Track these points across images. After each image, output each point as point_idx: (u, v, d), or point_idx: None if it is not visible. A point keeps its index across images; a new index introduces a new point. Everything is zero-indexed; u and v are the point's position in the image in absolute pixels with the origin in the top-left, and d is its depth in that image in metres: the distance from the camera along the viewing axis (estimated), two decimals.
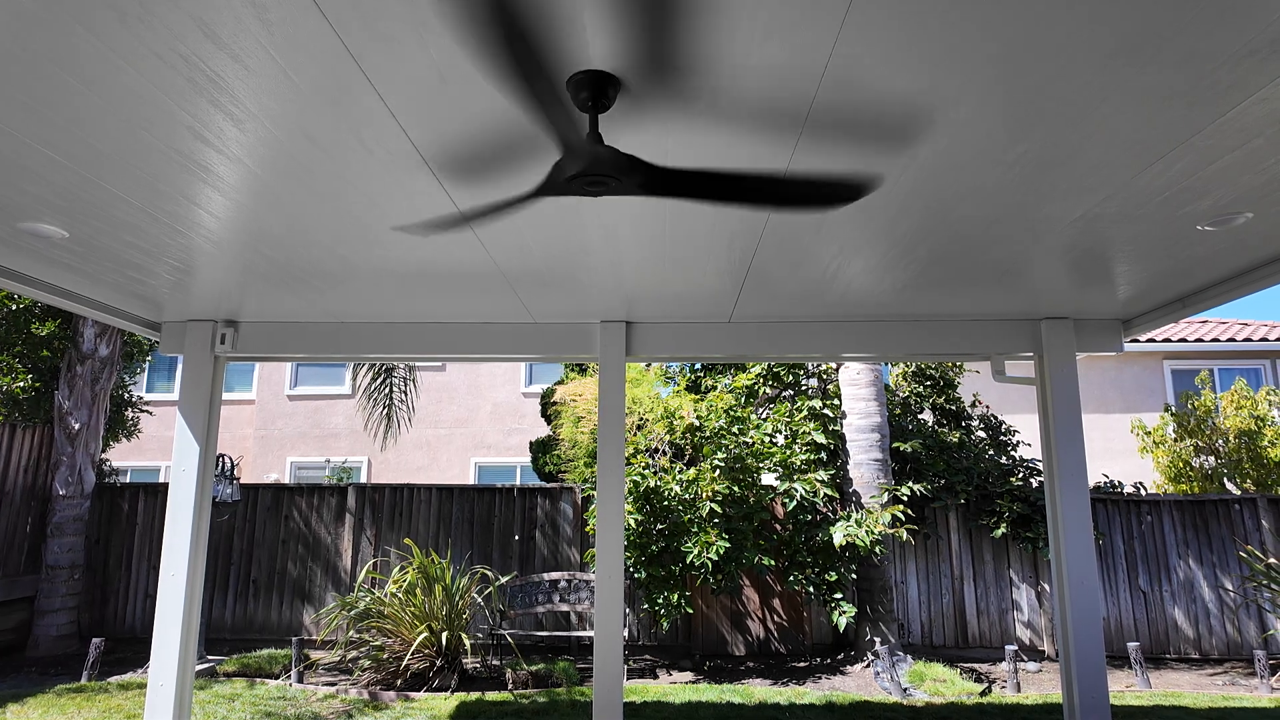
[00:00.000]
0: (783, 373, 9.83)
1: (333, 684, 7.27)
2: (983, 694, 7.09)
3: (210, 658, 8.10)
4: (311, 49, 2.00)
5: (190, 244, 3.53)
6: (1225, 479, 10.79)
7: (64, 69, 2.10)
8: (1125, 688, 7.32)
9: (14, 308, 8.71)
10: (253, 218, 3.20)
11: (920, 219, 3.20)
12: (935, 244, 3.52)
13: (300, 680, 7.32)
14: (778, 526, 8.67)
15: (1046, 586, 8.70)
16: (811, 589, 8.22)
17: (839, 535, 8.03)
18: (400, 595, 7.50)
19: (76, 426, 8.78)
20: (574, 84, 2.03)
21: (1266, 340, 14.63)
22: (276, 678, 7.50)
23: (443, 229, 3.23)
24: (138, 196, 2.97)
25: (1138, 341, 14.43)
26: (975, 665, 8.23)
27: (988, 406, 10.48)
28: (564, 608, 8.44)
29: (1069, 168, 2.73)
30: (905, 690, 7.22)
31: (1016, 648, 7.95)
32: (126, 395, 10.42)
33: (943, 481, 8.92)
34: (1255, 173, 2.76)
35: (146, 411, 11.04)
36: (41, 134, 2.48)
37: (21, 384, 8.68)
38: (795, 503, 8.28)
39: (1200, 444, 11.01)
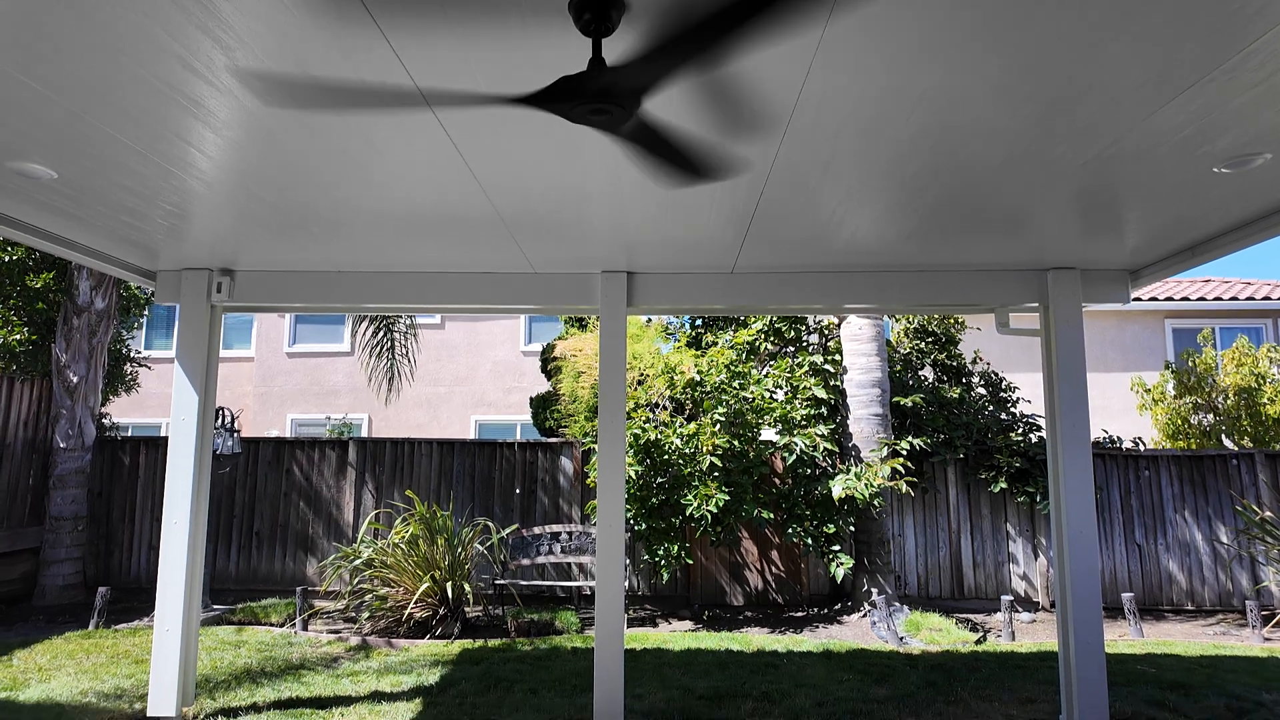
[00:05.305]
0: (784, 329, 9.79)
1: (337, 631, 7.37)
2: (978, 642, 7.21)
3: (215, 607, 8.21)
4: None
5: (183, 185, 3.46)
6: (1223, 436, 10.83)
7: None
8: (1119, 637, 7.44)
9: (7, 259, 8.63)
10: (245, 156, 3.12)
11: (928, 159, 3.13)
12: (942, 187, 3.45)
13: (305, 628, 7.42)
14: (777, 480, 8.72)
15: (1043, 540, 8.79)
16: (809, 541, 8.30)
17: (838, 488, 8.09)
18: (403, 546, 7.57)
19: (75, 380, 8.76)
20: (575, 5, 1.95)
21: (1269, 299, 14.57)
22: (281, 626, 7.61)
23: (395, 103, 2.66)
24: (127, 133, 2.89)
25: (1140, 300, 14.37)
26: (971, 616, 8.35)
27: (989, 363, 10.47)
28: (565, 560, 8.54)
29: (1082, 105, 2.65)
30: (901, 639, 7.33)
31: (1012, 599, 8.06)
32: (124, 350, 10.38)
33: (942, 437, 8.95)
34: (1277, 110, 2.68)
35: (145, 366, 11.02)
36: (24, 64, 2.39)
37: (18, 337, 8.63)
38: (795, 457, 8.31)
39: (1199, 401, 11.02)
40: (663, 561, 8.11)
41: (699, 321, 10.91)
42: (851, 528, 8.53)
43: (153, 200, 3.67)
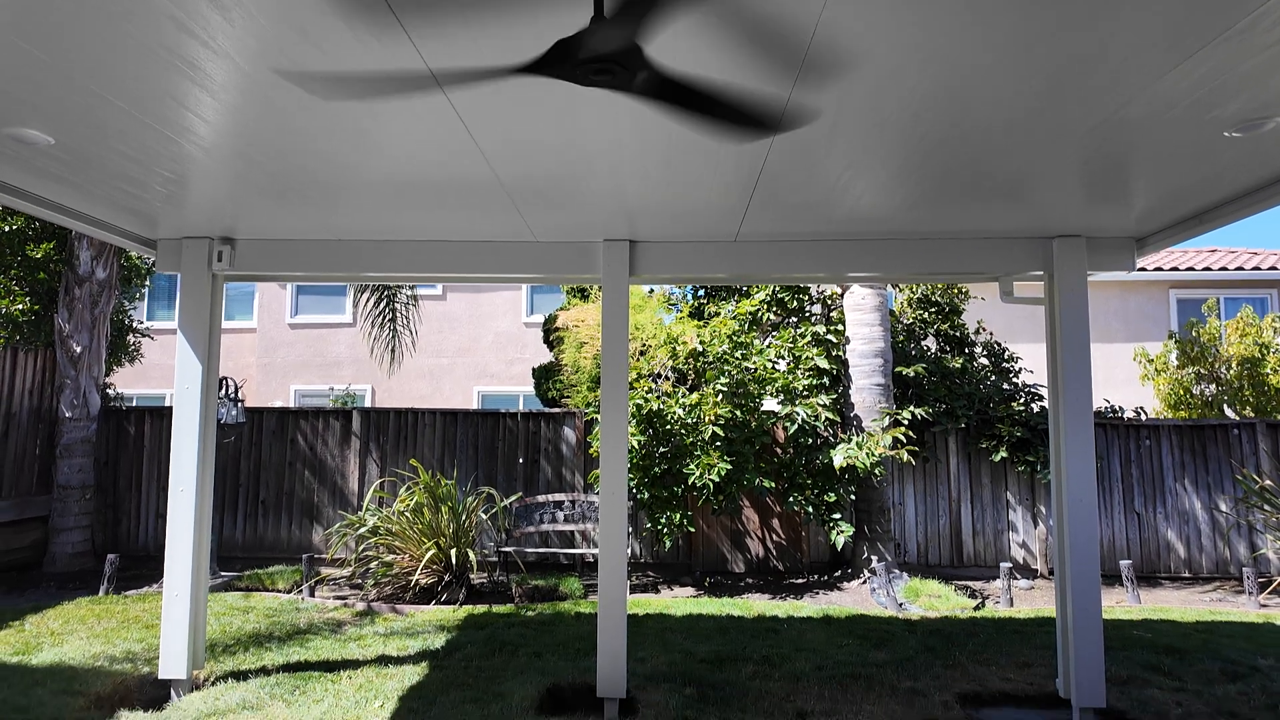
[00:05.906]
0: (787, 299, 9.76)
1: (343, 598, 7.47)
2: (976, 608, 7.29)
3: (223, 574, 8.31)
4: None
5: (181, 151, 3.43)
6: (1225, 406, 10.84)
7: None
8: (1116, 603, 7.52)
9: (7, 229, 8.59)
10: (243, 121, 3.09)
11: (936, 123, 3.09)
12: (949, 153, 3.41)
13: (311, 594, 7.52)
14: (778, 450, 8.76)
15: (1042, 508, 8.85)
16: (810, 509, 8.36)
17: (839, 457, 8.13)
18: (408, 514, 7.64)
19: (78, 349, 8.78)
20: None
21: (1275, 269, 14.47)
22: (288, 592, 7.71)
23: (409, 88, 2.79)
24: (123, 97, 2.86)
25: (1145, 270, 14.28)
26: (970, 583, 8.44)
27: (991, 334, 10.45)
28: (569, 528, 8.62)
29: (1093, 68, 2.61)
30: (901, 605, 7.42)
31: (1011, 566, 8.14)
32: (127, 320, 10.39)
33: (944, 406, 8.97)
34: None
35: (148, 336, 11.04)
36: (18, 27, 2.36)
37: (20, 307, 8.63)
38: (796, 426, 8.34)
39: (1202, 371, 11.01)
40: (665, 529, 8.19)
41: (701, 292, 10.88)
42: (852, 496, 8.59)
43: (151, 166, 3.64)
